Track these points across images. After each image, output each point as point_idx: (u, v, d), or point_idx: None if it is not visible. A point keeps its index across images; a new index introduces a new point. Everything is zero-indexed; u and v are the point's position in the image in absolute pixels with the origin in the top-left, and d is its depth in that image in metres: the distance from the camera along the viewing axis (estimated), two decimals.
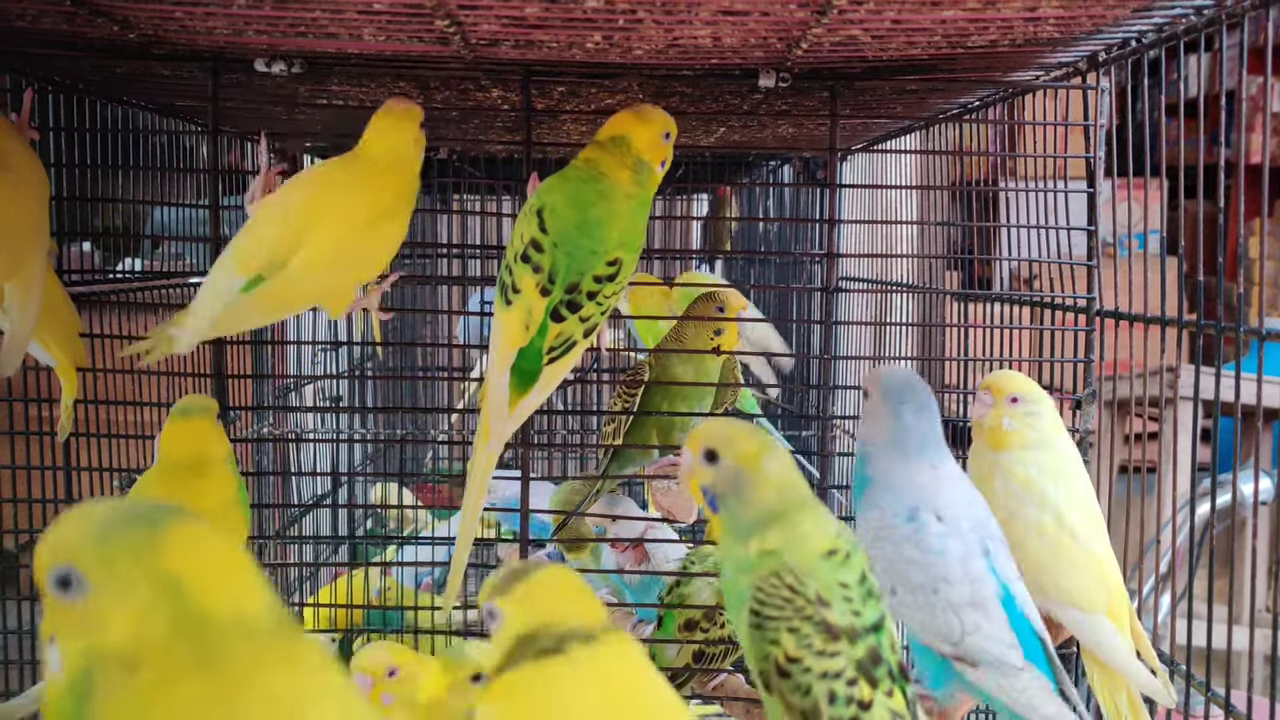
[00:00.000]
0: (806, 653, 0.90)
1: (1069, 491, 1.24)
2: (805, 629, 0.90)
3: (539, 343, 1.22)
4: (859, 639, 0.91)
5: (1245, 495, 1.88)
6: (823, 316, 1.49)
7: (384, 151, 1.24)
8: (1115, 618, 1.22)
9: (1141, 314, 1.33)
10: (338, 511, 2.39)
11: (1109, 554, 1.24)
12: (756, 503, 0.93)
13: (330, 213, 1.20)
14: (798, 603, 0.91)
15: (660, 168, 1.26)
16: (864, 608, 0.92)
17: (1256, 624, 1.79)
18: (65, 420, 1.41)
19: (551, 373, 1.24)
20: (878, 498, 1.11)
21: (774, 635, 0.91)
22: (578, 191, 1.22)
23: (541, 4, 1.02)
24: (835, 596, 0.91)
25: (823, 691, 0.90)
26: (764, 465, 0.94)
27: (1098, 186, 1.45)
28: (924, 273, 2.10)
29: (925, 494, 1.09)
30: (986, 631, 1.06)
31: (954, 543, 1.07)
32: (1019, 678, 1.06)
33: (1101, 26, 1.17)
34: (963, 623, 1.06)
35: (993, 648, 1.06)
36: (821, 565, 0.91)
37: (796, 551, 0.92)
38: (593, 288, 1.21)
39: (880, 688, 0.91)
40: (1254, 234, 5.45)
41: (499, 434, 1.25)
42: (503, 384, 1.23)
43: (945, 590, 1.06)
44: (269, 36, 1.21)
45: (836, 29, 1.11)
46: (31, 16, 1.15)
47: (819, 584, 0.91)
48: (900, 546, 1.08)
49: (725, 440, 0.95)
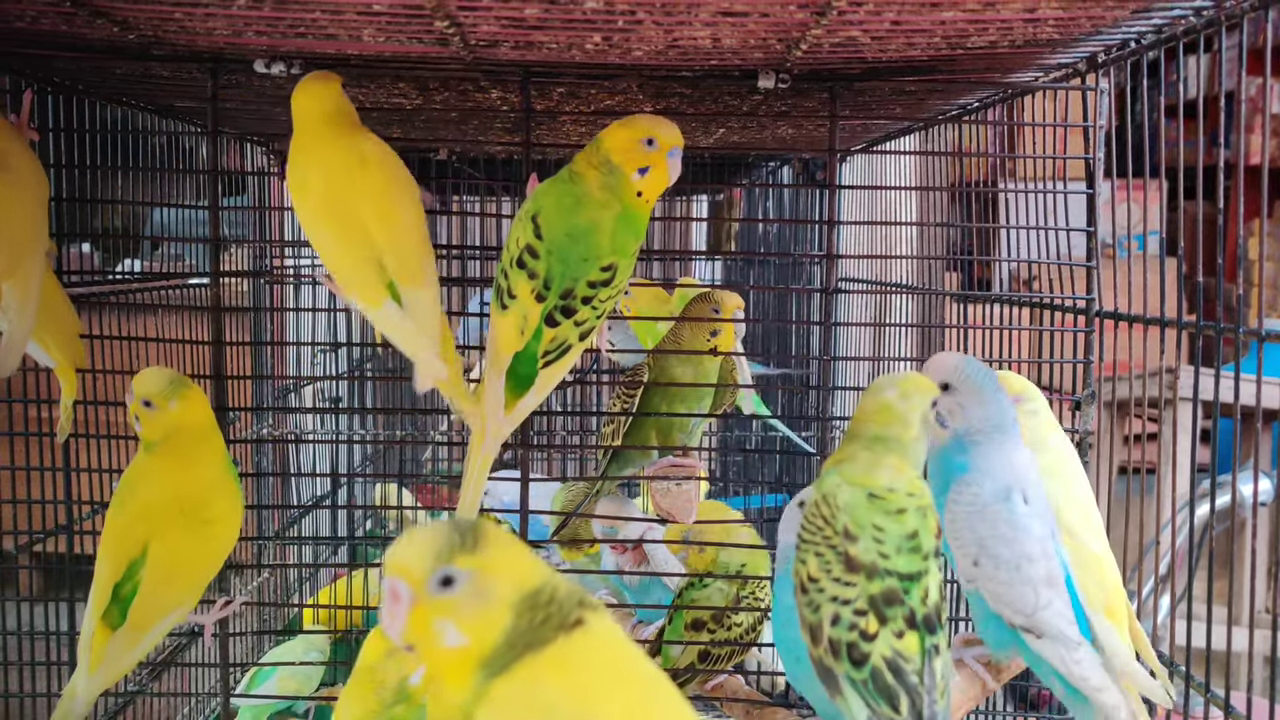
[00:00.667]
0: (824, 576, 1.00)
1: (1067, 491, 1.24)
2: (828, 555, 1.00)
3: (534, 347, 1.22)
4: (878, 577, 0.99)
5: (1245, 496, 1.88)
6: (822, 317, 1.48)
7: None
8: (1113, 617, 1.22)
9: (1141, 315, 1.33)
10: (337, 512, 2.39)
11: (1107, 554, 1.24)
12: (861, 431, 1.05)
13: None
14: (827, 531, 1.01)
15: (639, 175, 1.20)
16: (896, 555, 1.00)
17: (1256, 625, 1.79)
18: (65, 421, 1.41)
19: (547, 376, 1.24)
20: (974, 479, 1.16)
21: (804, 555, 1.02)
22: (562, 197, 1.22)
23: (541, 5, 1.02)
24: (865, 534, 1.00)
25: (829, 613, 0.99)
26: (884, 395, 1.05)
27: (1097, 187, 1.45)
28: (923, 274, 2.10)
29: (1018, 474, 1.15)
30: (1056, 608, 1.13)
31: (1038, 523, 1.14)
32: (1077, 651, 1.13)
33: (1101, 28, 1.17)
34: (1038, 598, 1.12)
35: (1059, 623, 1.13)
36: (862, 504, 1.01)
37: (847, 484, 1.02)
38: (587, 293, 1.21)
39: (890, 625, 0.99)
40: (1253, 235, 5.45)
41: (495, 435, 1.25)
42: (499, 387, 1.24)
43: (1027, 567, 1.12)
44: (268, 37, 1.21)
45: (836, 30, 1.11)
46: (31, 17, 1.15)
47: (850, 519, 1.00)
48: (994, 524, 1.14)
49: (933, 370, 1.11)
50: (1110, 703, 1.13)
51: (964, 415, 1.17)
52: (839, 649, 0.99)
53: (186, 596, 1.30)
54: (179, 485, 1.26)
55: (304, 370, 2.44)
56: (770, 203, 2.98)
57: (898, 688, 0.98)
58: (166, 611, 1.28)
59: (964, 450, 1.17)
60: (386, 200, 1.21)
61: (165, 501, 1.25)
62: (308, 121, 1.22)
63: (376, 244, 1.19)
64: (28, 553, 1.60)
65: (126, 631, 1.25)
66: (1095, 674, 1.13)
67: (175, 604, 1.28)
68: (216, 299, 1.44)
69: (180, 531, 1.25)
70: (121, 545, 1.25)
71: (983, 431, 1.16)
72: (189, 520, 1.26)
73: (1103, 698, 1.13)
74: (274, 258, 2.20)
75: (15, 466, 1.58)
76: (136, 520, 1.25)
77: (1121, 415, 3.02)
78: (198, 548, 1.28)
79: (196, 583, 1.30)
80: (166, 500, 1.25)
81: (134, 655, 1.27)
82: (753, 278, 3.03)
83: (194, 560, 1.28)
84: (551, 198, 1.22)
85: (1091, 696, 1.13)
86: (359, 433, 2.43)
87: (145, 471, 1.27)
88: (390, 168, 1.23)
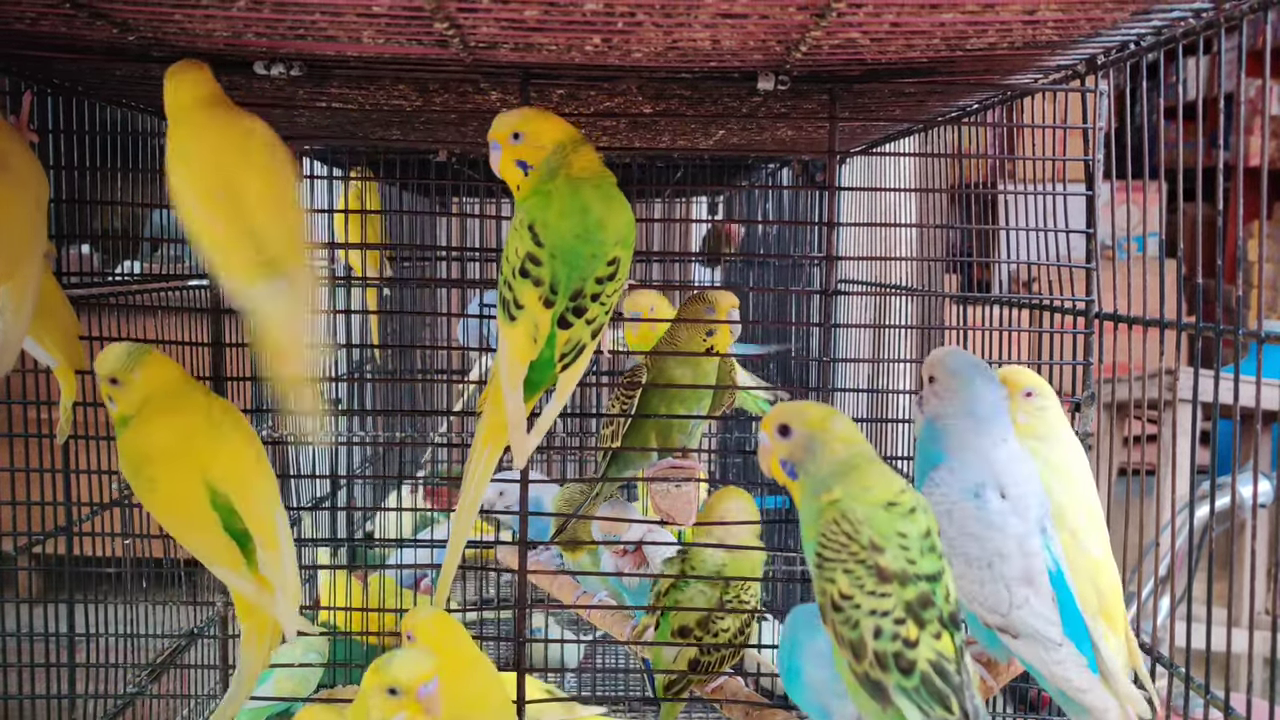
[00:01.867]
0: (858, 591, 0.99)
1: (1072, 491, 1.24)
2: (858, 570, 1.00)
3: (549, 353, 1.22)
4: (910, 584, 0.99)
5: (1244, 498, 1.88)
6: (821, 319, 1.48)
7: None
8: (1108, 621, 1.22)
9: (1141, 317, 1.33)
10: (336, 514, 2.39)
11: (1107, 555, 1.24)
12: (828, 459, 1.04)
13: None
14: (853, 547, 1.00)
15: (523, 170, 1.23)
16: (920, 558, 1.00)
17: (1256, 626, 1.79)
18: (64, 423, 1.40)
19: (567, 379, 1.24)
20: (944, 475, 1.16)
21: (830, 574, 1.01)
22: (559, 200, 1.21)
23: (541, 7, 1.02)
24: (890, 543, 1.00)
25: (869, 627, 0.99)
26: (831, 426, 1.05)
27: (1097, 189, 1.45)
28: (923, 275, 2.10)
29: (994, 469, 1.15)
30: (1033, 607, 1.12)
31: (1014, 520, 1.13)
32: (1057, 652, 1.12)
33: (1100, 29, 1.17)
34: (1012, 597, 1.12)
35: (1036, 623, 1.12)
36: (880, 514, 1.01)
37: (858, 501, 1.02)
38: (595, 290, 1.21)
39: (928, 629, 0.99)
40: (1253, 237, 5.44)
41: (520, 448, 1.25)
42: (518, 399, 1.23)
43: (999, 565, 1.12)
44: (268, 39, 1.21)
45: (835, 32, 1.11)
46: (31, 19, 1.15)
47: (874, 531, 1.00)
48: (963, 522, 1.14)
49: (795, 414, 1.06)
50: (1097, 705, 1.12)
51: (937, 401, 1.18)
52: (885, 661, 0.99)
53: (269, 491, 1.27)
54: (180, 426, 1.24)
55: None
56: (770, 204, 2.98)
57: (946, 688, 0.99)
58: (271, 511, 1.26)
59: (937, 438, 1.18)
60: (271, 174, 1.21)
61: (179, 441, 1.23)
62: (186, 108, 1.22)
63: (256, 219, 1.17)
64: (27, 554, 1.60)
65: (265, 551, 1.24)
66: (1078, 675, 1.12)
67: (269, 502, 1.26)
68: (216, 301, 1.44)
69: (215, 441, 1.24)
70: (190, 505, 1.23)
71: (954, 416, 1.16)
72: (215, 428, 1.25)
73: (1088, 699, 1.12)
74: None
75: (15, 468, 1.58)
76: (180, 474, 1.23)
77: (1121, 417, 3.02)
78: (244, 438, 1.27)
79: (269, 471, 1.28)
80: (179, 439, 1.23)
81: (287, 566, 1.26)
82: (752, 279, 3.03)
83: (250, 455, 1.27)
84: (547, 202, 1.22)
85: (1075, 698, 1.12)
86: (358, 434, 2.43)
87: (139, 438, 1.24)
88: (276, 145, 1.23)
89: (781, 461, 1.06)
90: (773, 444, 1.07)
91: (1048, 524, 1.16)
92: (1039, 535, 1.15)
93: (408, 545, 2.00)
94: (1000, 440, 1.16)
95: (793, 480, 1.06)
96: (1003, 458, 1.15)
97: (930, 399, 1.19)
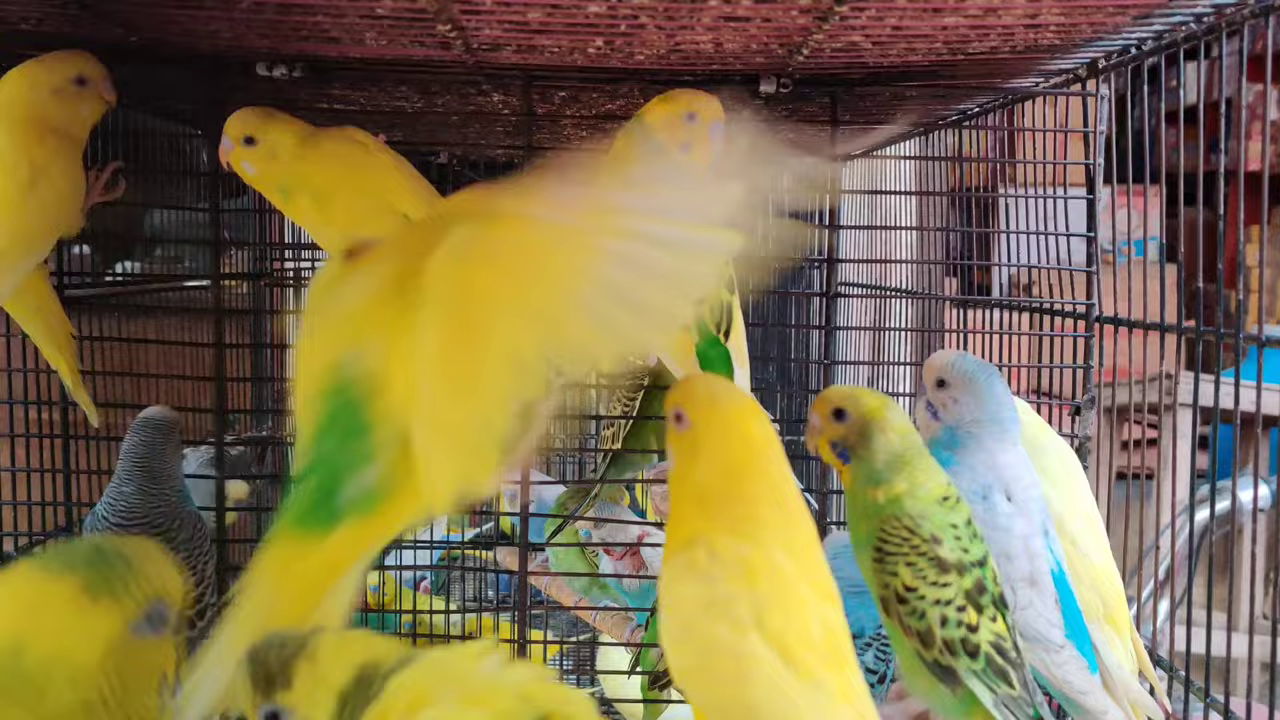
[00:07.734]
0: (921, 583, 1.04)
1: (1069, 499, 1.24)
2: (921, 563, 1.05)
3: (704, 329, 1.24)
4: (966, 572, 1.04)
5: (1244, 502, 1.88)
6: (822, 322, 1.49)
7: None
8: (1114, 625, 1.22)
9: (1140, 320, 1.33)
10: None
11: (1109, 561, 1.24)
12: (884, 448, 1.07)
13: None
14: (914, 541, 1.05)
15: (682, 151, 1.19)
16: (970, 545, 1.05)
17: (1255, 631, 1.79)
18: (89, 408, 1.41)
19: (737, 345, 1.27)
20: (952, 477, 1.16)
21: (894, 568, 1.05)
22: None
23: (544, 9, 1.02)
24: (947, 536, 1.05)
25: (935, 616, 1.04)
26: (888, 415, 1.07)
27: (1097, 193, 1.45)
28: (923, 278, 2.10)
29: (1003, 473, 1.17)
30: (1037, 609, 1.14)
31: (1020, 521, 1.16)
32: (1059, 654, 1.14)
33: (1101, 34, 1.17)
34: (1016, 598, 1.14)
35: (1039, 624, 1.14)
36: (936, 509, 1.05)
37: (916, 498, 1.06)
38: None
39: (985, 613, 1.05)
40: (1252, 241, 5.44)
41: None
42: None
43: (1005, 566, 1.14)
44: (271, 41, 1.22)
45: (838, 35, 1.11)
46: (35, 20, 1.15)
47: (933, 525, 1.05)
48: None
49: (851, 399, 1.09)
50: (1097, 707, 1.13)
51: (957, 409, 1.19)
52: (954, 646, 1.04)
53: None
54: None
55: None
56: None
57: (1006, 665, 1.05)
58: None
59: (954, 444, 1.19)
60: None
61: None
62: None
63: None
64: (27, 554, 1.60)
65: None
66: (1078, 678, 1.14)
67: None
68: (218, 301, 1.44)
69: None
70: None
71: (978, 423, 1.18)
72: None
73: (1088, 702, 1.14)
74: (274, 261, 2.20)
75: (15, 468, 1.58)
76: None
77: (1121, 420, 3.02)
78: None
79: None
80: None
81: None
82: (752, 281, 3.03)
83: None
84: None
85: (1076, 700, 1.14)
86: None
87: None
88: None
89: (832, 444, 1.09)
90: (825, 425, 1.09)
91: (1049, 525, 1.17)
92: (1042, 536, 1.16)
93: (407, 546, 2.00)
94: (1011, 444, 1.18)
95: (844, 463, 1.09)
96: (1010, 461, 1.17)
97: (949, 405, 1.20)
